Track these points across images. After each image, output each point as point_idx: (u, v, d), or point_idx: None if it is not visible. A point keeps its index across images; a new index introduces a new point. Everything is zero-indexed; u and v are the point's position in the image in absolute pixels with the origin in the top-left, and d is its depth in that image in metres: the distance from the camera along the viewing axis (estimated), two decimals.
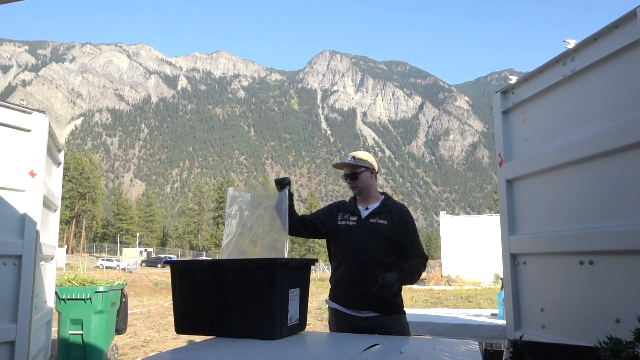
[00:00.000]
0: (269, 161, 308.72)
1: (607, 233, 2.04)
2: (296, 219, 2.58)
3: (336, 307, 2.58)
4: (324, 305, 12.78)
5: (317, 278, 33.16)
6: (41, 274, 3.68)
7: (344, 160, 2.72)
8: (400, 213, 2.62)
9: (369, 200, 2.68)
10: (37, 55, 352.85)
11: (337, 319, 2.57)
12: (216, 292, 2.02)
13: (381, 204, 2.66)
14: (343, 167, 2.71)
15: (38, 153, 3.29)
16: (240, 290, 1.97)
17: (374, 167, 2.71)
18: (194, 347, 1.78)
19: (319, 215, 2.75)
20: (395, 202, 2.71)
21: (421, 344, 1.89)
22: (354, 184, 2.66)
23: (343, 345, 1.93)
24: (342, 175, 2.73)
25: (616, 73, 2.09)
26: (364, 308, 2.47)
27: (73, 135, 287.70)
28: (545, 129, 2.53)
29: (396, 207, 2.65)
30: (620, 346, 1.29)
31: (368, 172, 2.67)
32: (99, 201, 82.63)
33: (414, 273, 2.51)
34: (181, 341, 7.19)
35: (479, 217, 30.34)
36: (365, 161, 2.68)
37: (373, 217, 2.59)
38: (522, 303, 2.66)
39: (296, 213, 2.61)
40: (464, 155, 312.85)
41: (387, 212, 2.61)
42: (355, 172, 2.65)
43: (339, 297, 2.58)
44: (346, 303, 2.53)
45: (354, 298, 2.50)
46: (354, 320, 2.49)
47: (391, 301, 2.49)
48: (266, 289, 1.94)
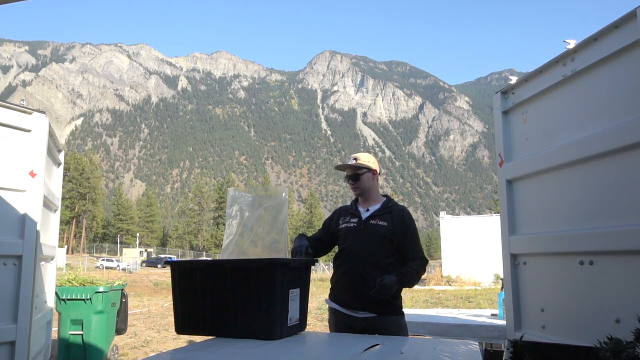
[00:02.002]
0: (268, 161, 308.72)
1: (607, 233, 2.03)
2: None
3: (335, 307, 2.60)
4: (324, 305, 12.78)
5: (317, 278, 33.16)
6: (41, 274, 3.68)
7: (346, 162, 2.74)
8: (400, 215, 2.62)
9: (370, 201, 2.69)
10: (37, 55, 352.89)
11: (336, 319, 2.59)
12: (216, 292, 2.02)
13: (382, 205, 2.66)
14: (345, 169, 2.72)
15: (38, 153, 3.29)
16: (240, 290, 1.97)
17: (375, 168, 2.72)
18: (194, 347, 1.78)
19: (322, 228, 2.82)
20: (396, 204, 2.71)
21: (421, 344, 1.89)
22: (356, 185, 2.67)
23: (343, 345, 1.93)
24: (344, 177, 2.74)
25: (616, 73, 2.09)
26: (362, 309, 2.48)
27: (73, 135, 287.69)
28: (545, 129, 2.53)
29: (397, 208, 2.65)
30: (620, 346, 1.29)
31: (369, 174, 2.69)
32: (99, 201, 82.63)
33: (413, 276, 2.51)
34: (181, 341, 7.18)
35: (479, 217, 30.34)
36: (367, 162, 2.69)
37: (373, 219, 2.60)
38: (522, 303, 2.66)
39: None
40: (463, 155, 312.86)
41: (388, 214, 2.61)
42: (357, 174, 2.67)
43: (338, 297, 2.59)
44: (345, 303, 2.54)
45: (352, 298, 2.51)
46: (351, 321, 2.50)
47: (389, 302, 2.49)
48: (266, 289, 1.94)
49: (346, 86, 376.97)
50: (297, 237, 2.55)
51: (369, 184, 2.68)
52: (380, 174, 2.82)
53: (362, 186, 2.67)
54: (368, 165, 2.69)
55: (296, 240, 2.52)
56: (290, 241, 2.47)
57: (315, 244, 2.75)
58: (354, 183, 2.67)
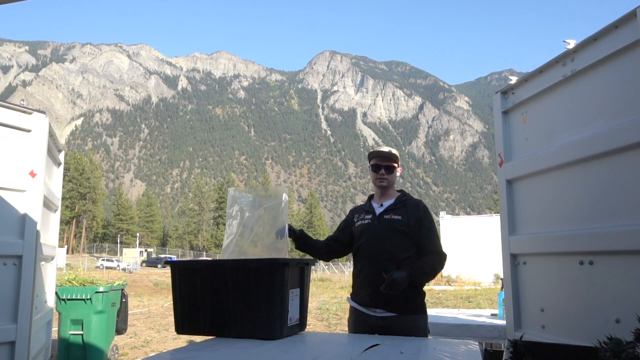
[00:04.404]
0: (269, 161, 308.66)
1: (607, 233, 2.03)
2: (321, 247, 2.72)
3: (354, 306, 2.56)
4: (324, 305, 12.78)
5: (317, 278, 33.17)
6: (41, 274, 3.68)
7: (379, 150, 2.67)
8: (415, 208, 2.56)
9: (386, 196, 2.64)
10: (37, 55, 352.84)
11: (355, 318, 2.55)
12: (216, 292, 2.02)
13: (396, 200, 2.61)
14: (386, 155, 2.62)
15: (38, 153, 3.29)
16: (240, 290, 1.98)
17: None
18: (194, 347, 1.78)
19: (340, 228, 2.79)
20: (411, 197, 2.66)
21: (421, 344, 1.89)
22: (387, 176, 2.61)
23: (343, 345, 1.93)
24: (373, 165, 2.64)
25: (616, 73, 2.08)
26: (380, 307, 2.42)
27: (73, 135, 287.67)
28: (545, 129, 2.53)
29: (412, 202, 2.60)
30: (620, 346, 1.29)
31: (397, 169, 2.67)
32: (99, 201, 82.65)
33: (426, 271, 2.43)
34: (181, 341, 7.18)
35: (479, 217, 30.35)
36: (398, 158, 2.67)
37: (387, 213, 2.55)
38: (522, 303, 2.66)
39: (318, 242, 2.75)
40: (463, 155, 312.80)
41: (402, 208, 2.56)
42: (393, 165, 2.63)
43: (357, 296, 2.56)
44: (363, 302, 2.50)
45: (369, 296, 2.46)
46: (370, 320, 2.45)
47: (409, 300, 2.43)
48: (266, 289, 1.94)
49: (346, 86, 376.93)
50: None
51: (395, 178, 2.65)
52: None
53: (392, 179, 2.62)
54: (398, 160, 2.67)
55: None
56: (290, 241, 2.47)
57: (332, 244, 2.75)
58: (386, 174, 2.60)
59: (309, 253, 2.75)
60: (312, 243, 2.73)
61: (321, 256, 2.78)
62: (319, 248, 2.75)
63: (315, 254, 2.74)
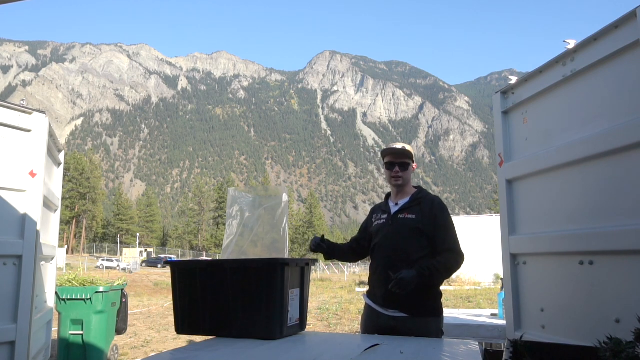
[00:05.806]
0: (268, 161, 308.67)
1: (607, 233, 2.03)
2: (346, 251, 2.78)
3: (369, 303, 2.56)
4: (324, 305, 12.79)
5: (317, 278, 33.15)
6: (41, 274, 3.68)
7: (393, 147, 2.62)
8: (430, 205, 2.48)
9: (402, 194, 2.59)
10: (37, 55, 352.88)
11: (367, 316, 2.55)
12: (216, 292, 2.02)
13: (411, 198, 2.55)
14: (401, 152, 2.57)
15: (38, 153, 3.29)
16: (240, 290, 1.98)
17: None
18: (194, 347, 1.78)
19: (361, 229, 2.81)
20: (428, 194, 2.58)
21: (421, 344, 1.89)
22: (402, 173, 2.55)
23: (343, 345, 1.93)
24: (387, 163, 2.59)
25: (616, 73, 2.09)
26: (393, 307, 2.39)
27: (73, 135, 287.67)
28: (545, 129, 2.53)
29: (427, 199, 2.52)
30: (620, 346, 1.29)
31: (412, 165, 2.61)
32: (99, 201, 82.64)
33: (438, 270, 2.35)
34: (181, 341, 7.18)
35: (479, 217, 30.30)
36: (413, 154, 2.62)
37: (401, 212, 2.51)
38: (522, 303, 2.66)
39: (343, 246, 2.79)
40: (463, 155, 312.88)
41: (416, 206, 2.50)
42: (408, 162, 2.57)
43: (372, 294, 2.55)
44: (377, 300, 2.48)
45: (383, 296, 2.43)
46: (381, 319, 2.42)
47: (422, 302, 2.38)
48: (266, 289, 1.94)
49: (346, 86, 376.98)
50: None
51: (410, 175, 2.60)
52: (380, 173, 2.80)
53: (407, 177, 2.57)
54: (413, 157, 2.61)
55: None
56: (290, 241, 2.47)
57: (354, 246, 2.76)
58: (401, 171, 2.55)
59: (338, 260, 2.85)
60: (338, 250, 2.76)
61: (348, 260, 2.86)
62: (345, 253, 2.79)
63: (343, 259, 2.84)
